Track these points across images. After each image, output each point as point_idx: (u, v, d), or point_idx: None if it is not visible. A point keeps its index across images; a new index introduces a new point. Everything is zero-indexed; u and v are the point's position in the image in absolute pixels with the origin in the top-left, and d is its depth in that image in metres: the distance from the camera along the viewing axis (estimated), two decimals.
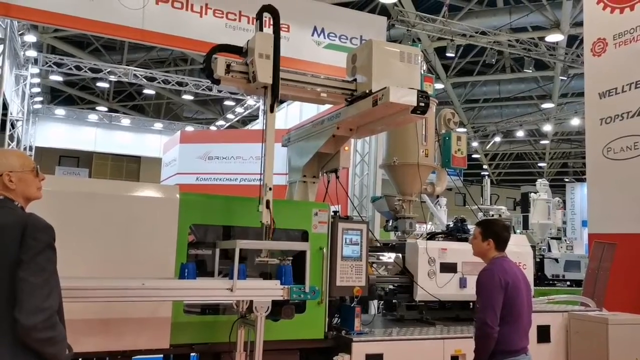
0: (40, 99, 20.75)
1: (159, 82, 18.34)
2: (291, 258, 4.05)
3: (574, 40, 16.31)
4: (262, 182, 4.13)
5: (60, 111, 21.15)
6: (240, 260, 3.74)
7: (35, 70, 17.45)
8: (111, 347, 3.82)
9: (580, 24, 12.05)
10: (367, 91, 4.57)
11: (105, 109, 23.11)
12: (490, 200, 22.75)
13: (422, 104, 4.30)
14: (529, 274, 5.76)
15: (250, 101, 18.79)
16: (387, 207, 6.05)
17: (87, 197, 3.88)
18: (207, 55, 4.43)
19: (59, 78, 20.11)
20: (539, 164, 31.80)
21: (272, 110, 4.28)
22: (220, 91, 18.35)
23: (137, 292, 3.45)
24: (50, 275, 2.32)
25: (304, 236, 4.52)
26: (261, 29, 4.37)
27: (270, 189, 4.09)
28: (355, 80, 4.83)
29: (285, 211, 4.60)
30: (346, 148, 5.38)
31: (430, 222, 14.32)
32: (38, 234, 2.33)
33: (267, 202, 4.05)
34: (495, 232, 3.89)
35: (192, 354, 4.37)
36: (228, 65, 4.29)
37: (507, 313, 3.64)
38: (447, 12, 14.57)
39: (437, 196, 11.87)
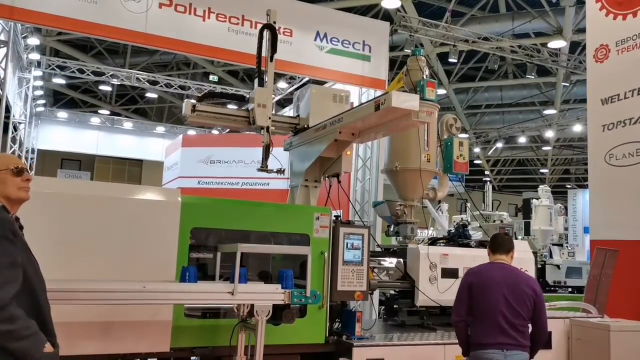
0: (43, 101, 20.80)
1: (161, 86, 18.37)
2: None
3: (576, 47, 16.32)
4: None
5: (62, 114, 21.19)
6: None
7: (38, 73, 17.50)
8: (111, 350, 3.81)
9: (582, 30, 12.05)
10: (306, 125, 5.64)
11: (108, 112, 23.15)
12: (492, 207, 22.72)
13: None
14: None
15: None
16: (388, 212, 6.04)
17: (89, 200, 3.88)
18: (207, 93, 5.58)
19: (62, 81, 20.15)
20: (541, 170, 31.75)
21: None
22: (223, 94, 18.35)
23: (138, 295, 3.44)
24: (5, 268, 2.28)
25: (305, 240, 4.52)
26: (260, 80, 5.38)
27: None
28: (298, 115, 5.88)
29: (287, 215, 4.61)
30: (348, 152, 5.39)
31: (431, 228, 14.29)
32: None
33: (267, 127, 5.28)
34: (489, 240, 4.40)
35: (193, 358, 4.37)
36: (193, 106, 5.37)
37: (474, 310, 4.02)
38: (450, 17, 14.59)
39: (439, 201, 11.85)
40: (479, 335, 3.96)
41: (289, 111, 14.16)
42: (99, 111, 23.17)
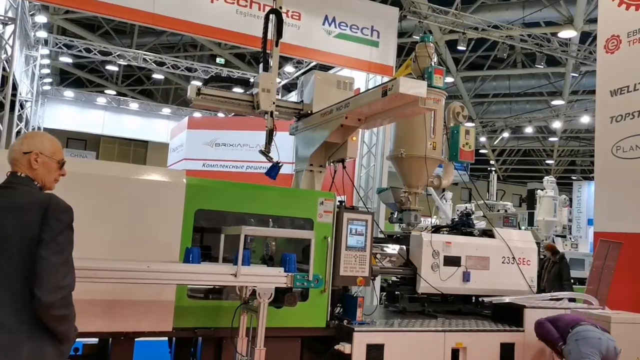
0: (50, 80, 20.80)
1: (168, 67, 18.32)
2: None
3: (586, 37, 16.15)
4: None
5: (69, 93, 21.20)
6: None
7: (45, 51, 17.47)
8: (114, 329, 3.85)
9: (593, 20, 11.92)
10: (309, 111, 5.69)
11: (114, 93, 23.14)
12: (496, 196, 22.67)
13: None
14: (533, 270, 5.77)
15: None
16: (392, 198, 6.04)
17: (95, 179, 3.89)
18: (211, 78, 5.43)
19: (69, 60, 20.13)
20: (547, 161, 31.63)
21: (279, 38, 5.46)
22: (229, 79, 18.32)
23: (141, 275, 3.46)
24: (69, 255, 2.39)
25: (308, 225, 4.53)
26: (265, 65, 5.34)
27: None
28: (302, 101, 5.92)
29: (291, 199, 4.61)
30: (354, 138, 5.38)
31: (435, 217, 14.28)
32: (60, 214, 2.39)
33: (272, 112, 5.31)
34: None
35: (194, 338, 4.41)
36: (198, 89, 5.40)
37: None
38: (460, 4, 14.44)
39: (443, 190, 11.84)
40: None
41: (295, 96, 14.12)
42: (105, 91, 23.16)
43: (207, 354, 4.26)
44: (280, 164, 5.59)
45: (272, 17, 5.41)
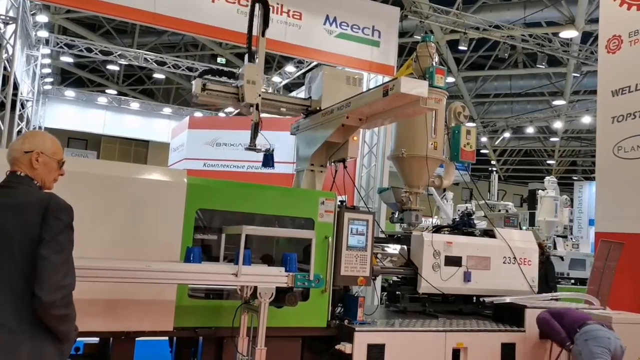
0: (51, 80, 20.80)
1: (169, 67, 18.32)
2: None
3: (588, 37, 16.14)
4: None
5: (70, 93, 21.21)
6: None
7: (47, 50, 17.47)
8: (115, 328, 3.85)
9: (595, 20, 11.90)
10: (318, 108, 5.52)
11: (115, 92, 23.15)
12: (497, 196, 22.64)
13: None
14: (534, 270, 5.76)
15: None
16: (393, 198, 6.04)
17: (96, 178, 3.89)
18: (200, 74, 5.32)
19: (70, 59, 20.14)
20: (548, 162, 31.61)
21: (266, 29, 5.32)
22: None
23: (142, 274, 3.46)
24: (69, 255, 2.38)
25: (309, 224, 4.52)
26: (250, 56, 5.21)
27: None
28: (310, 97, 5.75)
29: (292, 199, 4.61)
30: (355, 138, 5.37)
31: (436, 217, 14.26)
32: (60, 213, 2.38)
33: (257, 105, 5.15)
34: None
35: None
36: (204, 85, 5.19)
37: None
38: (461, 4, 14.43)
39: (444, 190, 11.84)
40: None
41: (297, 95, 14.11)
42: (106, 91, 23.17)
43: (207, 354, 4.25)
44: (271, 149, 5.49)
45: (258, 7, 5.28)
